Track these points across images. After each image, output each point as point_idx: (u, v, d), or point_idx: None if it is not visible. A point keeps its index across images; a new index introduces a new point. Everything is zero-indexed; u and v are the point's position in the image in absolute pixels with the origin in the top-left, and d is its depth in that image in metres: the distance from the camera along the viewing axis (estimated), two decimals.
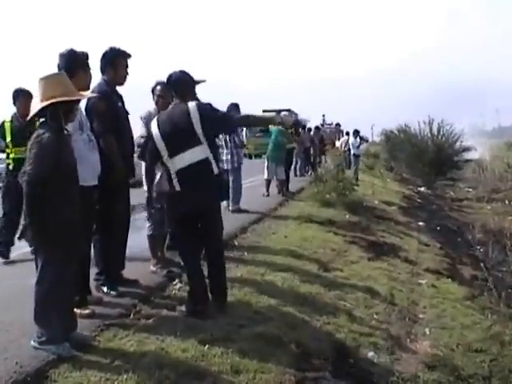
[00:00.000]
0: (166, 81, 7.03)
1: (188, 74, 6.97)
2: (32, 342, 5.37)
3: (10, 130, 9.62)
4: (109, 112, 7.09)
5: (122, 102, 7.53)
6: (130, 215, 7.83)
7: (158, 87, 8.55)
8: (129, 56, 7.41)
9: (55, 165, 5.09)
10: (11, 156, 9.58)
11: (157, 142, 6.61)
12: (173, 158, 6.56)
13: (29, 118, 5.47)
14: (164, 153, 6.59)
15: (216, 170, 6.68)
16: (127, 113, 7.69)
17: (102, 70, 7.39)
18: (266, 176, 18.90)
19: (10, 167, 9.57)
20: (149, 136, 6.89)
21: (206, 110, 6.64)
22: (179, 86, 6.88)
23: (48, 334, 5.30)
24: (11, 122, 9.65)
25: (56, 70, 6.23)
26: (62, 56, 6.55)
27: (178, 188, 6.58)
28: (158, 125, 6.66)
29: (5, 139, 9.66)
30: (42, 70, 5.56)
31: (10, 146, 9.57)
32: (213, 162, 6.65)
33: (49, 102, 5.19)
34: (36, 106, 5.35)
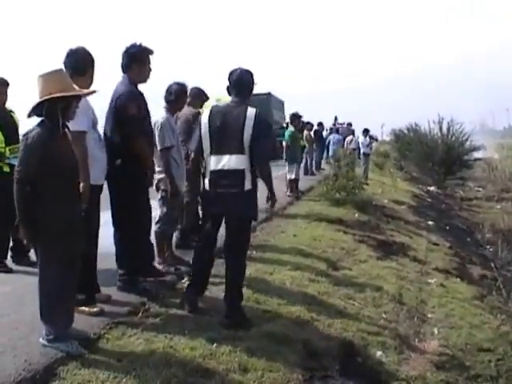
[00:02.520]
0: (228, 77, 6.70)
1: (252, 74, 6.76)
2: (41, 340, 5.40)
3: None
4: (139, 114, 7.02)
5: (145, 102, 7.36)
6: (151, 213, 7.86)
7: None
8: (151, 52, 7.27)
9: (42, 163, 5.06)
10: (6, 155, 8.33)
11: (203, 136, 6.44)
12: (213, 156, 6.38)
13: (27, 115, 5.43)
14: (207, 149, 6.42)
15: (248, 186, 6.39)
16: (148, 112, 7.57)
17: (125, 68, 7.18)
18: (288, 176, 18.85)
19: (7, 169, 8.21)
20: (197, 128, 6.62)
21: (262, 123, 6.44)
22: (242, 85, 6.65)
23: (55, 331, 5.32)
24: None
25: (62, 66, 6.19)
26: (73, 53, 6.43)
27: (207, 187, 6.48)
28: (210, 118, 6.45)
29: None
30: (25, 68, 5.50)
31: (3, 144, 8.32)
32: (248, 176, 6.39)
33: (44, 97, 5.18)
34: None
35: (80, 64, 6.38)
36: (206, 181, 6.48)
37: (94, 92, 6.07)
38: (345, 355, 6.42)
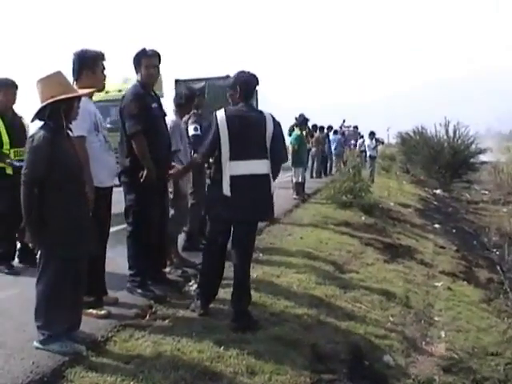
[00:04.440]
0: (235, 80, 6.68)
1: (257, 78, 6.74)
2: (34, 343, 5.40)
3: (4, 127, 8.37)
4: (142, 113, 7.04)
5: (159, 103, 7.48)
6: (167, 216, 7.91)
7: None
8: (152, 55, 7.32)
9: (49, 164, 5.10)
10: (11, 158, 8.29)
11: (222, 140, 6.27)
12: (233, 161, 6.27)
13: (31, 120, 5.46)
14: (226, 153, 6.27)
15: (272, 189, 6.51)
16: (164, 114, 7.70)
17: (136, 74, 7.38)
18: (294, 179, 18.91)
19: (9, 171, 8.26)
20: (205, 130, 6.68)
21: (277, 126, 6.48)
22: (252, 89, 6.69)
23: (48, 332, 5.33)
24: (2, 117, 8.40)
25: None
26: (73, 56, 6.54)
27: (227, 193, 6.28)
28: (228, 122, 6.31)
29: None
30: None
31: (8, 146, 8.31)
32: (271, 180, 6.47)
33: (47, 102, 5.21)
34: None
35: (74, 68, 6.47)
36: (226, 186, 6.30)
37: (93, 91, 6.14)
38: (352, 358, 6.41)
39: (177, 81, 22.41)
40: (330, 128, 31.77)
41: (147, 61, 7.26)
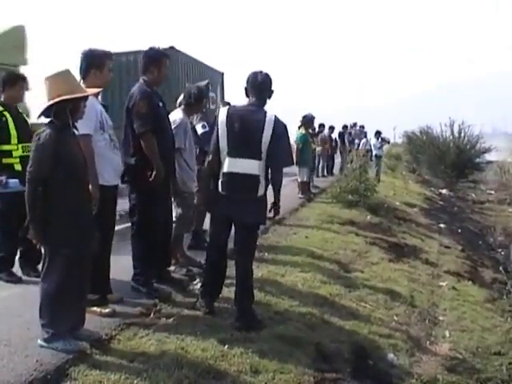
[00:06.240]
0: (248, 79, 6.65)
1: (271, 79, 6.70)
2: (39, 341, 5.41)
3: (12, 121, 8.05)
4: (150, 112, 7.02)
5: (163, 102, 7.43)
6: (171, 215, 7.93)
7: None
8: (168, 55, 7.46)
9: (54, 162, 5.10)
10: (16, 154, 8.03)
11: (220, 136, 6.37)
12: (228, 158, 6.32)
13: (37, 117, 5.45)
14: (224, 150, 6.33)
15: (261, 192, 6.41)
16: (168, 112, 7.69)
17: (144, 71, 7.29)
18: (299, 179, 18.87)
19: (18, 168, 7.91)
20: (212, 128, 6.69)
21: (280, 129, 6.37)
22: (265, 88, 6.63)
23: (52, 330, 5.34)
24: (9, 111, 8.08)
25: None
26: (81, 55, 6.57)
27: (220, 189, 6.39)
28: (228, 119, 6.37)
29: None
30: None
31: (15, 141, 8.01)
32: (262, 183, 6.37)
33: (54, 100, 5.20)
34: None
35: (82, 67, 6.52)
36: (219, 183, 6.40)
37: (99, 92, 6.16)
38: (356, 357, 6.42)
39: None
40: (345, 127, 31.78)
41: (166, 62, 7.32)
